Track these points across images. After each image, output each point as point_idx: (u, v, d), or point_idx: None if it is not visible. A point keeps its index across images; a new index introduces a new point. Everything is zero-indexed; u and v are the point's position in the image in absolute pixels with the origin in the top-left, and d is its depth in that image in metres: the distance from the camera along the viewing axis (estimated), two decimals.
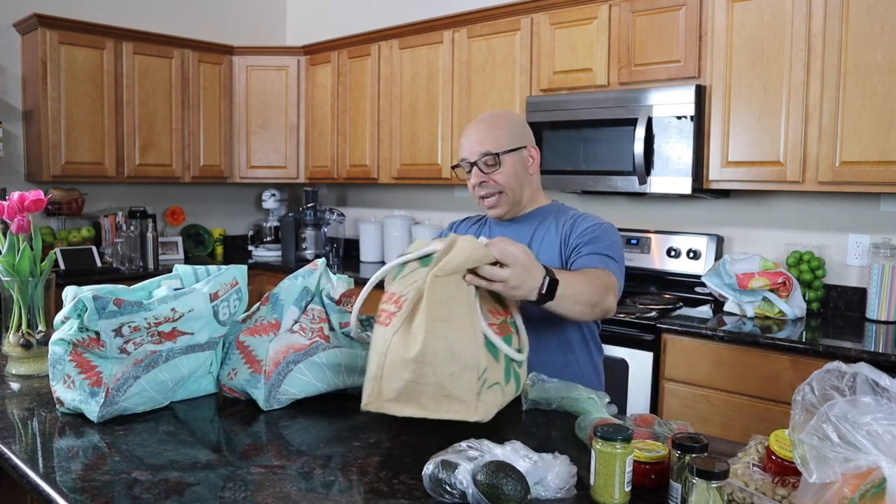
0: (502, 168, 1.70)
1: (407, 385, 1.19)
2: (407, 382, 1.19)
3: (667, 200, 3.22)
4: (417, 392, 1.19)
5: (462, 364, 1.18)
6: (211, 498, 1.04)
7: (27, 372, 1.67)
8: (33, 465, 1.15)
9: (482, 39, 3.46)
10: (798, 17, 2.50)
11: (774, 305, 2.57)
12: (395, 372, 1.20)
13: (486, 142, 1.69)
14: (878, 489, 0.80)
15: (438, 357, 1.18)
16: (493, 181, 1.70)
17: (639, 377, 2.56)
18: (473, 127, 1.74)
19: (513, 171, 1.71)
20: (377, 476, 1.13)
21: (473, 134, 1.72)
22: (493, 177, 1.70)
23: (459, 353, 1.19)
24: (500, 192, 1.71)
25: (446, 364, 1.18)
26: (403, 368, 1.19)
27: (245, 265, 1.55)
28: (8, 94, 3.81)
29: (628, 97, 2.87)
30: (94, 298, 1.30)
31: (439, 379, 1.18)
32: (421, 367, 1.18)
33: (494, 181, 1.70)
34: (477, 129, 1.72)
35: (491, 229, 1.82)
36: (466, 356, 1.19)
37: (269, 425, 1.38)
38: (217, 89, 4.32)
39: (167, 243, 4.31)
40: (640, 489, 1.07)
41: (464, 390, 1.18)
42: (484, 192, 1.72)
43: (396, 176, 3.91)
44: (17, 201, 1.66)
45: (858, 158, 2.40)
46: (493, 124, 1.73)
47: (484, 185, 1.71)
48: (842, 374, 0.91)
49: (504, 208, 1.74)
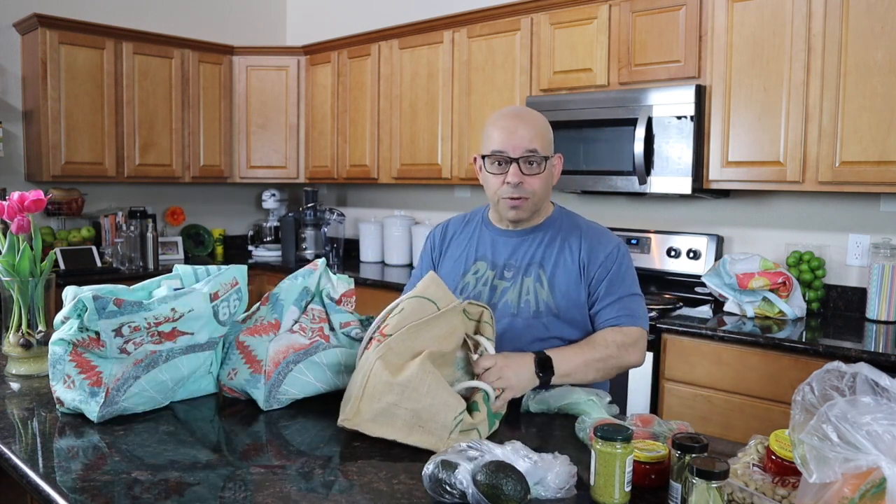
0: (544, 173, 1.56)
1: (387, 407, 1.23)
2: (388, 405, 1.23)
3: (667, 200, 3.22)
4: (394, 416, 1.24)
5: (443, 401, 1.23)
6: (211, 498, 1.04)
7: (27, 372, 1.67)
8: (33, 465, 1.15)
9: (482, 39, 3.46)
10: (798, 17, 2.50)
11: (774, 305, 2.57)
12: (378, 393, 1.24)
13: (532, 139, 1.53)
14: (878, 489, 0.80)
15: (424, 387, 1.23)
16: (530, 185, 1.55)
17: (639, 377, 2.56)
18: (512, 120, 1.56)
19: (548, 178, 1.59)
20: (377, 476, 1.13)
21: (518, 128, 1.53)
22: (532, 180, 1.55)
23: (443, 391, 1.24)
24: (529, 198, 1.57)
25: (429, 396, 1.23)
26: (387, 391, 1.23)
27: (245, 265, 1.55)
28: (8, 94, 3.81)
29: (628, 97, 2.87)
30: (94, 298, 1.30)
31: (418, 408, 1.22)
32: (404, 392, 1.23)
33: (531, 185, 1.55)
34: (522, 124, 1.55)
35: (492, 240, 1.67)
36: (448, 396, 1.25)
37: (269, 425, 1.38)
38: (217, 89, 4.32)
39: (167, 243, 4.31)
40: (640, 489, 1.07)
41: (437, 425, 1.23)
42: (517, 194, 1.56)
43: (396, 176, 3.91)
44: (17, 201, 1.66)
45: (858, 158, 2.39)
46: (535, 121, 1.57)
47: (519, 188, 1.54)
48: (842, 374, 0.91)
49: (526, 213, 1.60)
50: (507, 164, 1.54)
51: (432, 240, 1.80)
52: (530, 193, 1.56)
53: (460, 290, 1.64)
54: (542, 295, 1.58)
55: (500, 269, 1.63)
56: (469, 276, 1.66)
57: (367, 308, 3.48)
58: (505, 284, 1.61)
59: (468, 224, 1.75)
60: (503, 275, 1.62)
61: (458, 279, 1.66)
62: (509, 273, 1.62)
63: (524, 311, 1.58)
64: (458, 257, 1.70)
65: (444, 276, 1.67)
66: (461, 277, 1.66)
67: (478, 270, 1.65)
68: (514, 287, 1.60)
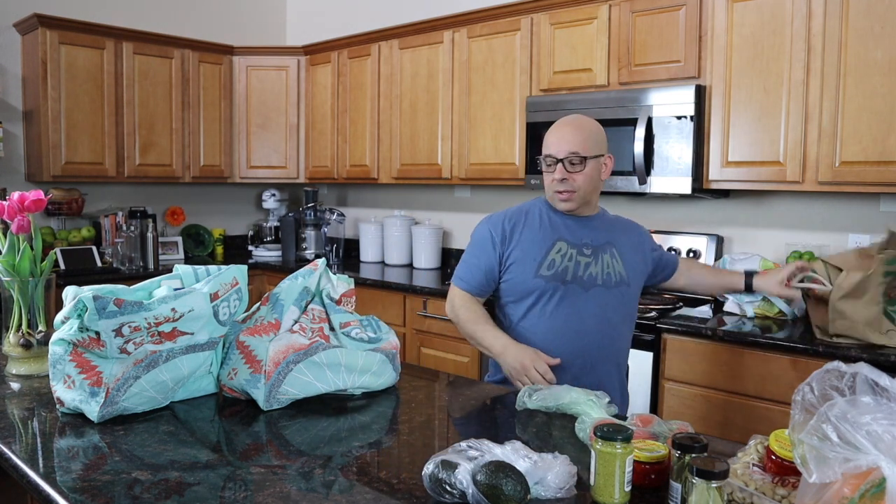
0: (585, 170, 1.84)
1: None
2: None
3: (667, 200, 3.22)
4: None
5: None
6: (211, 498, 1.04)
7: (27, 372, 1.67)
8: (33, 465, 1.15)
9: (482, 39, 3.46)
10: (798, 17, 2.50)
11: (774, 305, 2.57)
12: None
13: (573, 143, 1.83)
14: (878, 489, 0.80)
15: None
16: (574, 180, 1.84)
17: (639, 377, 2.56)
18: (562, 128, 1.88)
19: (592, 175, 1.86)
20: (377, 476, 1.13)
21: (564, 134, 1.86)
22: (575, 176, 1.84)
23: None
24: (575, 191, 1.85)
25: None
26: None
27: (245, 265, 1.55)
28: (8, 94, 3.81)
29: (628, 97, 2.87)
30: (95, 298, 1.30)
31: None
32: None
33: (575, 181, 1.84)
34: (567, 130, 1.86)
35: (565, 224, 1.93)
36: None
37: (269, 425, 1.38)
38: (217, 89, 4.32)
39: (167, 243, 4.31)
40: (640, 489, 1.07)
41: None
42: (562, 188, 1.85)
43: (396, 176, 3.91)
44: (17, 201, 1.66)
45: (858, 158, 2.40)
46: (580, 128, 1.87)
47: (565, 182, 1.84)
48: (841, 374, 0.91)
49: (575, 204, 1.88)
50: (555, 164, 1.85)
51: (493, 233, 1.94)
52: (574, 187, 1.85)
53: (547, 265, 1.87)
54: (618, 267, 1.91)
55: (580, 247, 1.90)
56: (553, 253, 1.89)
57: (367, 308, 3.49)
58: (587, 259, 1.89)
59: (529, 214, 1.96)
60: (583, 251, 1.90)
61: (542, 256, 1.88)
62: (588, 251, 1.90)
63: (608, 282, 1.89)
64: (536, 240, 1.91)
65: (523, 257, 1.89)
66: (546, 255, 1.88)
67: (560, 248, 1.89)
68: (595, 261, 1.89)
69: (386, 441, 1.30)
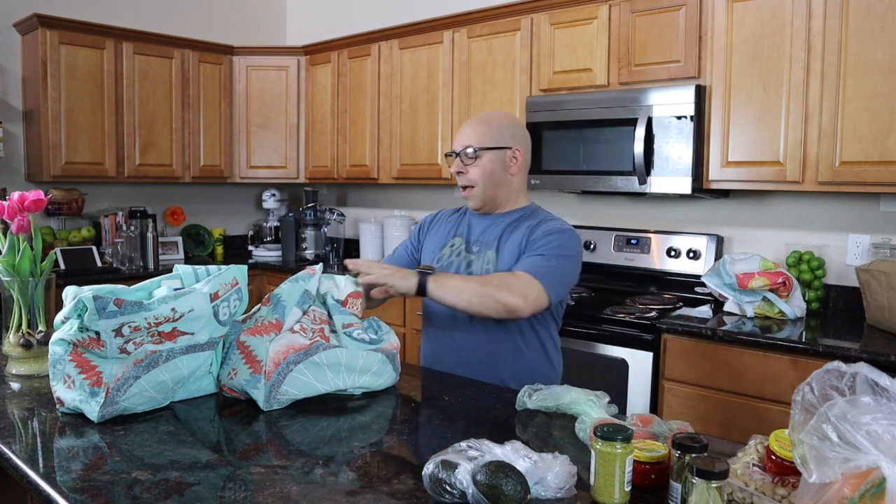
0: (478, 163, 1.83)
1: None
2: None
3: (667, 200, 3.22)
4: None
5: None
6: (211, 498, 1.04)
7: (27, 372, 1.67)
8: (33, 465, 1.15)
9: (482, 39, 3.46)
10: (798, 17, 2.50)
11: (774, 305, 2.57)
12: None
13: (470, 136, 1.84)
14: (878, 489, 0.80)
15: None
16: (467, 173, 1.85)
17: (639, 377, 2.56)
18: (468, 123, 1.90)
19: (489, 168, 1.83)
20: (377, 476, 1.13)
21: (464, 128, 1.88)
22: (469, 169, 1.84)
23: None
24: (472, 186, 1.85)
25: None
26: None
27: (245, 265, 1.55)
28: (8, 94, 3.81)
29: (628, 97, 2.87)
30: (95, 298, 1.30)
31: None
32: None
33: (468, 173, 1.85)
34: (467, 123, 1.89)
35: (469, 221, 1.95)
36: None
37: (269, 425, 1.38)
38: (217, 89, 4.32)
39: (167, 243, 4.31)
40: (640, 489, 1.07)
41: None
42: (462, 183, 1.87)
43: (396, 176, 3.91)
44: (17, 201, 1.66)
45: (858, 158, 2.40)
46: (482, 122, 1.87)
47: (461, 176, 1.86)
48: (841, 374, 0.91)
49: (475, 202, 1.88)
50: (454, 158, 1.87)
51: (421, 224, 2.08)
52: (469, 181, 1.85)
53: (437, 259, 1.93)
54: (491, 265, 1.83)
55: (470, 244, 1.90)
56: (446, 248, 1.94)
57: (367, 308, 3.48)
58: (472, 257, 1.88)
59: (458, 212, 2.03)
60: (471, 249, 1.89)
61: (438, 250, 1.95)
62: (476, 248, 1.89)
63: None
64: (441, 235, 1.98)
65: (426, 249, 1.99)
66: (440, 249, 1.94)
67: (454, 244, 1.93)
68: (478, 259, 1.86)
69: (386, 441, 1.30)
